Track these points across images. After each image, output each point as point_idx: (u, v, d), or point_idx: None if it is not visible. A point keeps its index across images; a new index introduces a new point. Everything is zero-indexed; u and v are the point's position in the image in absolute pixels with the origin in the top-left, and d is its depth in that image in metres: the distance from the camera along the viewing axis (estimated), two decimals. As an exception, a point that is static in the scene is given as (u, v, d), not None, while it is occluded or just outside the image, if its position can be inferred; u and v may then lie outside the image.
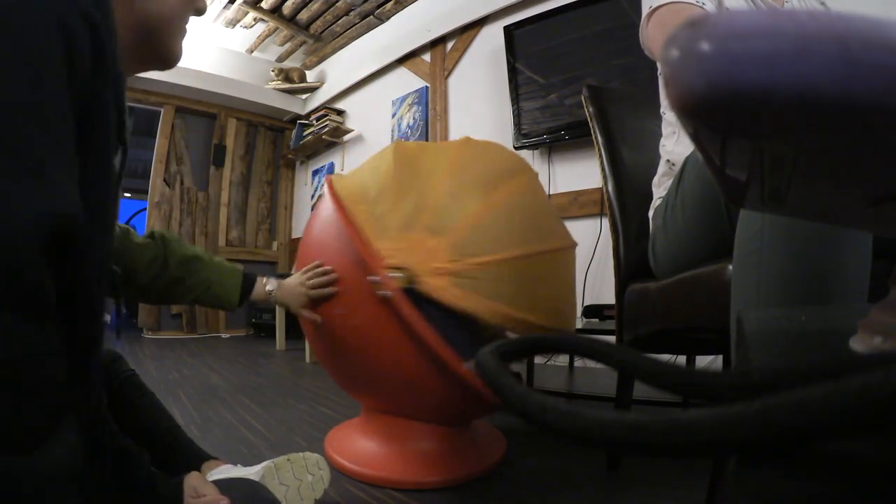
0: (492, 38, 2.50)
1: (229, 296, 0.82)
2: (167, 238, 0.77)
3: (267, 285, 0.89)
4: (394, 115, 3.09)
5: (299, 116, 3.86)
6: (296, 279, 0.90)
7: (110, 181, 0.39)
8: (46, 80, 0.31)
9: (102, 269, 0.40)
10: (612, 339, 0.87)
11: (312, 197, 3.82)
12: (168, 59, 0.53)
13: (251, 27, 3.42)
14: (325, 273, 0.89)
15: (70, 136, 0.33)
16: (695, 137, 0.17)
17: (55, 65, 0.32)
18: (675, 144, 0.89)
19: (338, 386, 1.09)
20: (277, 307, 2.74)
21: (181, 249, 0.78)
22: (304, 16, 3.23)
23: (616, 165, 0.99)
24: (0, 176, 0.28)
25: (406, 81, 3.04)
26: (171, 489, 0.60)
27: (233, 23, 3.35)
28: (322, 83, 3.76)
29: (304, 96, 3.94)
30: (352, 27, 3.35)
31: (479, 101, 2.59)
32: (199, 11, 0.55)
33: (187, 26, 0.54)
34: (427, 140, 2.82)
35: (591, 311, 1.75)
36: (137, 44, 0.48)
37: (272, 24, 3.31)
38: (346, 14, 3.20)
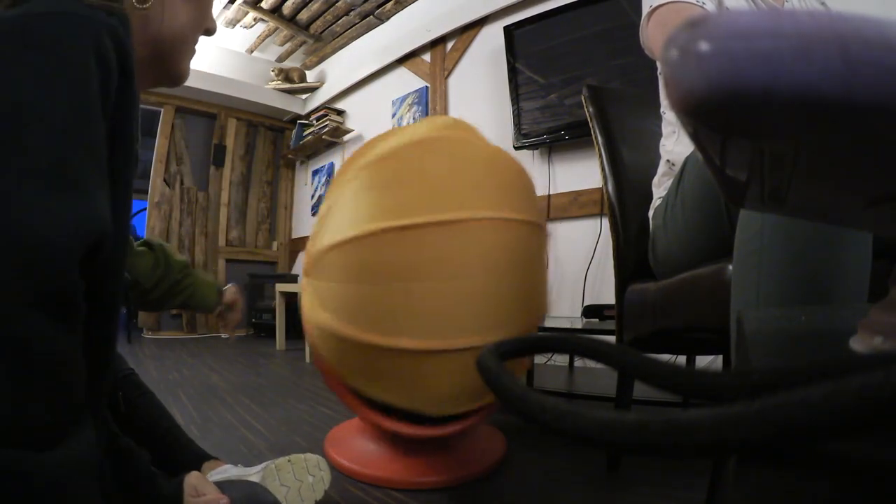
0: (492, 38, 2.50)
1: (211, 298, 0.89)
2: (165, 246, 0.83)
3: (232, 285, 0.97)
4: (394, 115, 3.09)
5: (299, 116, 3.85)
6: None
7: (130, 193, 0.40)
8: (87, 98, 0.33)
9: (121, 275, 0.41)
10: (612, 339, 0.87)
11: (312, 197, 3.82)
12: (177, 77, 0.54)
13: (251, 27, 3.42)
14: None
15: (104, 151, 0.35)
16: (695, 137, 0.17)
17: (93, 83, 0.33)
18: (675, 144, 0.89)
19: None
20: (276, 307, 2.80)
21: (176, 256, 0.84)
22: (304, 16, 3.23)
23: (616, 165, 0.99)
24: (44, 191, 0.30)
25: (406, 81, 3.04)
26: (172, 489, 0.60)
27: (233, 23, 3.35)
28: (322, 83, 3.75)
29: (304, 96, 3.93)
30: (352, 27, 3.35)
31: (479, 101, 2.59)
32: (210, 32, 0.56)
33: (196, 46, 0.55)
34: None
35: (591, 311, 1.75)
36: (150, 62, 0.50)
37: (272, 24, 3.30)
38: (346, 14, 3.20)
